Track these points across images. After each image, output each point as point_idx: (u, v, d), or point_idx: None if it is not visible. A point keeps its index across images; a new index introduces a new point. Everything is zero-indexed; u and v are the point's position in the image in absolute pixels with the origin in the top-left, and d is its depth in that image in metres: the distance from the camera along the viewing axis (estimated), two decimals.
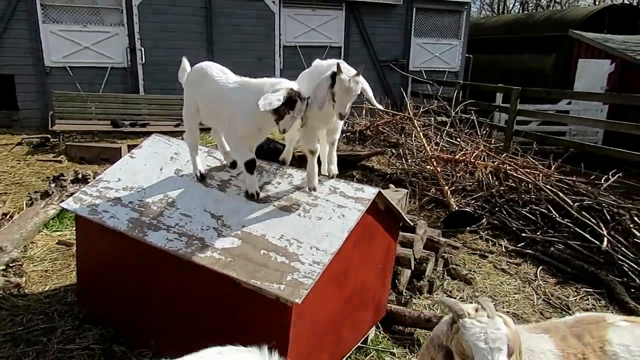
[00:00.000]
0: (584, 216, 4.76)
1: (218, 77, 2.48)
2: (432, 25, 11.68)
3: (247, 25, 9.96)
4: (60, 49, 8.96)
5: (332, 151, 2.61)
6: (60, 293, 3.30)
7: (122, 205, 2.58)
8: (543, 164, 6.06)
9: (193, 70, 2.66)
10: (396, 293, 3.43)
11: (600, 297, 3.89)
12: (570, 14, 13.29)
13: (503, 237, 4.98)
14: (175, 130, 8.02)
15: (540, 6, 26.02)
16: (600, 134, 9.75)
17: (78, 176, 4.94)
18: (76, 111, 8.30)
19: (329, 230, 2.15)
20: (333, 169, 2.58)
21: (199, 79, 2.56)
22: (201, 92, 2.56)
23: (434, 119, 8.31)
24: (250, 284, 1.97)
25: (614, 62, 10.49)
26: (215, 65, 2.58)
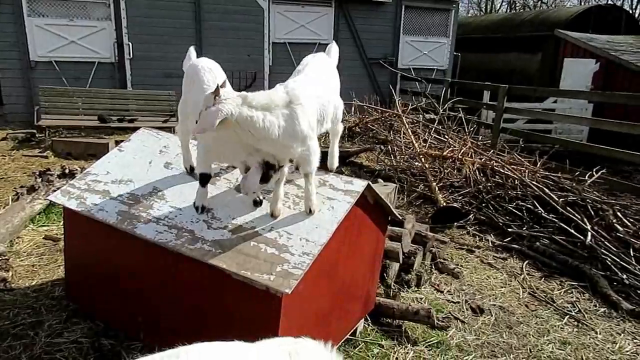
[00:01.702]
0: (568, 211, 4.84)
1: (206, 82, 2.37)
2: (421, 23, 11.76)
3: (237, 21, 9.93)
4: (46, 43, 8.84)
5: (333, 145, 2.66)
6: (47, 287, 3.27)
7: (111, 198, 2.57)
8: (529, 160, 6.15)
9: (190, 64, 2.60)
10: (385, 286, 3.47)
11: (584, 290, 3.97)
12: (556, 14, 13.47)
13: (490, 232, 5.05)
14: (163, 126, 7.97)
15: (527, 6, 26.32)
16: (585, 132, 9.91)
17: (65, 171, 4.88)
18: (62, 106, 8.19)
19: (319, 222, 2.17)
20: (334, 163, 2.67)
21: (192, 76, 2.51)
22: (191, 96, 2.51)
23: (422, 116, 8.37)
24: (241, 275, 1.98)
25: (599, 61, 10.66)
26: (209, 65, 2.48)
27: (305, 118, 2.08)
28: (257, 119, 1.95)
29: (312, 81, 2.26)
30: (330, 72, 2.49)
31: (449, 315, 3.38)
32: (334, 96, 2.47)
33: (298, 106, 2.05)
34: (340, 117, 2.60)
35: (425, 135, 7.17)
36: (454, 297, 3.69)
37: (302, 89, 2.12)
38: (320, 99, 2.25)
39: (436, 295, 3.68)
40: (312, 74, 2.31)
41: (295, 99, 2.06)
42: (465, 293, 3.77)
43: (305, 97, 2.11)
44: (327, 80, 2.41)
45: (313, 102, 2.18)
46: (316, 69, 2.37)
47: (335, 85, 2.51)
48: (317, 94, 2.23)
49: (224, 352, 1.29)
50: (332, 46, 2.70)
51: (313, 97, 2.18)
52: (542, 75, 12.46)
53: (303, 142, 2.11)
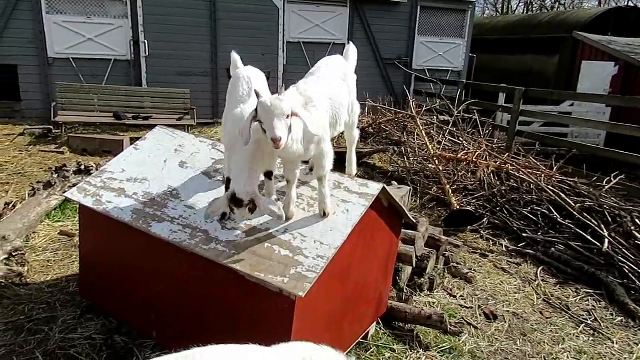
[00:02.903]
0: (585, 217, 4.76)
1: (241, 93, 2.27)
2: (437, 24, 11.66)
3: (252, 20, 9.95)
4: (63, 40, 8.95)
5: (351, 152, 2.66)
6: (62, 283, 3.31)
7: (126, 196, 2.59)
8: (545, 164, 6.06)
9: (235, 72, 2.46)
10: (397, 290, 3.44)
11: (600, 299, 3.90)
12: (575, 16, 13.25)
13: (504, 236, 4.99)
14: (178, 124, 8.03)
15: (544, 7, 25.97)
16: (603, 136, 9.73)
17: (80, 167, 4.94)
18: (79, 103, 8.30)
19: (333, 225, 2.15)
20: (352, 171, 2.67)
21: (232, 85, 2.40)
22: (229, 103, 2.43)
23: (436, 117, 8.30)
24: (254, 277, 1.98)
25: (618, 64, 10.47)
26: (249, 75, 2.34)
27: (319, 121, 2.06)
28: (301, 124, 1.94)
29: (324, 83, 2.22)
30: (345, 74, 2.44)
31: (461, 320, 3.34)
32: (349, 99, 2.43)
33: (311, 109, 2.03)
34: (356, 121, 2.57)
35: (439, 137, 7.11)
36: (466, 302, 3.65)
37: (314, 92, 2.09)
38: (333, 101, 2.21)
39: (449, 299, 3.64)
40: (325, 75, 2.27)
41: (309, 101, 2.04)
42: (479, 298, 3.73)
43: (318, 100, 2.08)
44: (341, 82, 2.36)
45: (325, 104, 2.15)
46: (330, 71, 2.33)
47: (350, 87, 2.47)
48: (329, 95, 2.20)
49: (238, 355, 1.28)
50: (349, 48, 2.66)
51: (325, 99, 2.15)
52: (559, 77, 12.27)
53: (317, 145, 2.09)
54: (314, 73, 2.32)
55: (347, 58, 2.61)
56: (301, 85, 2.11)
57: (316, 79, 2.24)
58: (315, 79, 2.24)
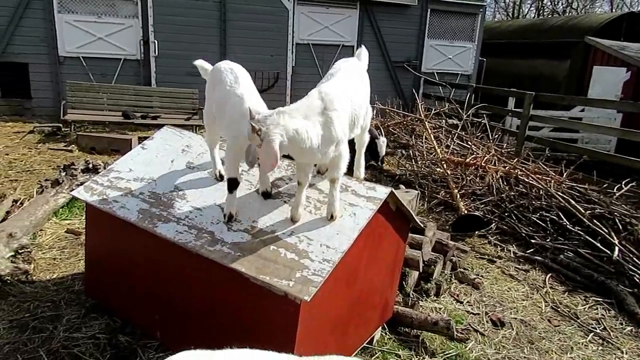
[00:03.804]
0: (595, 224, 4.69)
1: (229, 84, 2.34)
2: (447, 27, 11.61)
3: (261, 21, 9.97)
4: (74, 39, 9.03)
5: (360, 155, 2.64)
6: (67, 281, 3.31)
7: (133, 196, 2.58)
8: (555, 170, 5.99)
9: (212, 69, 2.58)
10: (403, 295, 3.40)
11: (609, 307, 3.84)
12: (587, 21, 13.14)
13: (512, 242, 4.93)
14: (186, 124, 8.05)
15: (556, 12, 25.79)
16: (613, 142, 9.64)
17: (88, 166, 4.95)
18: (88, 101, 8.35)
19: (340, 228, 2.13)
20: (360, 174, 2.66)
21: (214, 81, 2.49)
22: (214, 95, 2.51)
23: (445, 121, 8.25)
24: (259, 280, 1.96)
25: (630, 70, 10.36)
26: (232, 68, 2.44)
27: (340, 124, 2.07)
28: (302, 132, 1.90)
29: (345, 86, 2.22)
30: (361, 77, 2.44)
31: (468, 327, 3.30)
32: (365, 102, 2.43)
33: (333, 112, 2.03)
34: (368, 124, 2.55)
35: (447, 141, 7.06)
36: (473, 308, 3.61)
37: (336, 94, 2.09)
38: (352, 103, 2.22)
39: (455, 305, 3.60)
40: (345, 78, 2.26)
41: (330, 105, 2.03)
42: (486, 304, 3.68)
43: (339, 102, 2.09)
44: (359, 85, 2.36)
45: (347, 107, 2.16)
46: (349, 74, 2.32)
47: (366, 90, 2.46)
48: (350, 97, 2.20)
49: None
50: (362, 51, 2.63)
51: (346, 101, 2.16)
52: (570, 82, 12.17)
53: (337, 147, 2.10)
54: (334, 74, 2.29)
55: (360, 60, 2.59)
56: (323, 88, 2.10)
57: (337, 80, 2.24)
58: (337, 80, 2.24)
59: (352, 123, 2.26)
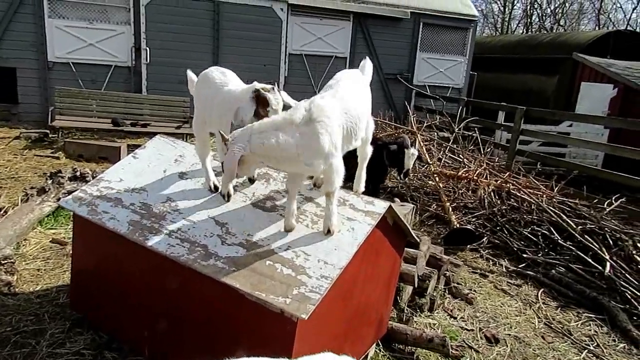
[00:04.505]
0: (586, 240, 4.70)
1: (218, 80, 2.47)
2: (438, 41, 11.73)
3: (254, 30, 9.96)
4: (64, 45, 8.91)
5: (361, 169, 2.58)
6: (51, 294, 3.19)
7: (123, 207, 2.50)
8: (546, 185, 6.02)
9: (199, 77, 2.66)
10: (397, 310, 3.35)
11: (602, 324, 3.83)
12: (575, 38, 13.38)
13: (504, 257, 4.92)
14: (177, 132, 7.96)
15: (544, 28, 26.30)
16: (601, 157, 9.74)
17: (76, 173, 4.84)
18: (77, 108, 8.23)
19: (338, 243, 2.08)
20: (360, 188, 2.59)
21: (204, 85, 2.56)
22: (203, 95, 2.53)
23: (436, 134, 8.28)
24: (255, 296, 1.89)
25: (617, 86, 10.53)
26: (218, 68, 2.58)
27: (327, 135, 2.02)
28: (269, 142, 1.96)
29: (341, 97, 2.18)
30: (362, 89, 2.40)
31: (462, 343, 3.26)
32: (366, 114, 2.38)
33: (319, 123, 2.01)
34: (370, 137, 2.51)
35: (439, 154, 7.07)
36: (467, 324, 3.57)
37: (326, 105, 2.06)
38: (348, 116, 2.17)
39: (449, 321, 3.55)
40: (343, 89, 2.23)
41: (317, 116, 2.01)
42: (479, 320, 3.64)
43: (329, 113, 2.05)
44: (358, 97, 2.31)
45: (337, 119, 2.10)
46: (348, 85, 2.28)
47: (366, 102, 2.41)
48: (344, 110, 2.15)
49: None
50: (366, 63, 2.60)
51: (339, 113, 2.11)
52: (558, 97, 12.34)
53: (325, 159, 2.05)
54: (332, 86, 2.27)
55: (364, 73, 2.57)
56: (316, 100, 2.09)
57: (333, 92, 2.21)
58: (333, 92, 2.21)
59: (349, 135, 2.21)
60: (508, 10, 28.55)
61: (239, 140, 1.98)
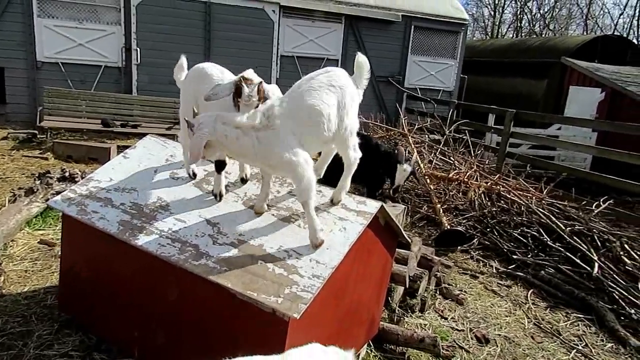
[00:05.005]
0: (575, 241, 4.75)
1: (217, 77, 2.47)
2: (429, 44, 11.80)
3: (246, 32, 9.95)
4: (53, 44, 8.82)
5: (345, 176, 2.37)
6: (39, 295, 3.15)
7: (113, 207, 2.48)
8: (535, 187, 6.08)
9: (193, 69, 2.65)
10: (389, 310, 3.36)
11: (590, 324, 3.87)
12: (564, 42, 13.55)
13: (494, 258, 4.95)
14: (167, 133, 7.91)
15: (534, 32, 26.59)
16: (589, 160, 9.86)
17: (65, 174, 4.79)
18: (66, 108, 8.14)
19: (330, 243, 2.08)
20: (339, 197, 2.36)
21: (200, 79, 2.54)
22: (201, 91, 2.49)
23: (427, 136, 8.33)
24: (246, 296, 1.88)
25: (604, 90, 10.68)
26: (215, 65, 2.59)
27: (282, 142, 2.03)
28: (231, 136, 2.04)
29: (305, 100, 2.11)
30: (337, 91, 2.20)
31: (453, 343, 3.27)
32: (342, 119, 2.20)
33: (270, 131, 2.04)
34: (350, 140, 2.28)
35: (430, 156, 7.11)
36: (458, 324, 3.58)
37: (281, 112, 2.06)
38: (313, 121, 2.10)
39: (440, 321, 3.57)
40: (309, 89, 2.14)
41: (271, 122, 2.05)
42: (470, 321, 3.66)
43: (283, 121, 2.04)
44: (328, 96, 2.15)
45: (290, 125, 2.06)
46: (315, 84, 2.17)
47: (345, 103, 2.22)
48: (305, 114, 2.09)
49: None
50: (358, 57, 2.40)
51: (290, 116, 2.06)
52: (547, 101, 12.48)
53: (282, 166, 2.05)
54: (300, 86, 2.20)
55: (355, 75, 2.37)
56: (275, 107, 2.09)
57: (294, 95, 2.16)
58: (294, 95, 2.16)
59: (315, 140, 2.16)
60: (498, 15, 28.86)
61: (205, 125, 2.04)
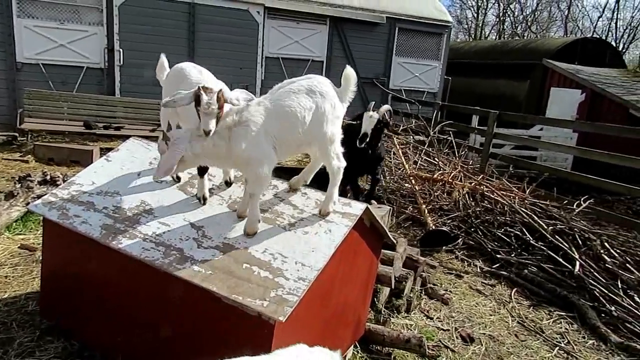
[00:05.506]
0: (557, 240, 4.84)
1: (195, 78, 2.43)
2: (413, 46, 11.90)
3: (231, 33, 9.90)
4: (34, 45, 8.65)
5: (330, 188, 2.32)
6: (20, 301, 3.09)
7: (96, 211, 2.45)
8: (518, 187, 6.17)
9: (173, 69, 2.63)
10: (375, 311, 3.37)
11: (572, 321, 3.94)
12: (545, 44, 13.80)
13: (478, 257, 5.01)
14: (151, 135, 7.83)
15: (516, 34, 26.99)
16: (570, 160, 10.06)
17: (46, 177, 4.70)
18: (47, 110, 8.00)
19: (316, 245, 2.08)
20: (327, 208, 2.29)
21: (178, 79, 2.50)
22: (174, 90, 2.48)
23: (412, 137, 8.38)
24: (232, 299, 1.88)
25: (585, 92, 10.90)
26: (195, 66, 2.55)
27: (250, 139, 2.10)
28: (207, 146, 2.08)
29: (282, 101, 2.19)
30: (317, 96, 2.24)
31: (439, 343, 3.30)
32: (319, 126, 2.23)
33: (241, 127, 2.11)
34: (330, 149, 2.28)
35: (415, 157, 7.16)
36: (443, 324, 3.62)
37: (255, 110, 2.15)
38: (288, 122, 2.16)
39: (426, 321, 3.60)
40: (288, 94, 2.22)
41: (243, 120, 2.11)
42: (455, 320, 3.70)
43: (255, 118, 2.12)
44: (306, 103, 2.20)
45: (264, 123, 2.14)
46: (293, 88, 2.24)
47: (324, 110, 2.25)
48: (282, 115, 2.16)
49: None
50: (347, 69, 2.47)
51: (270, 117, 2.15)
52: (529, 102, 12.69)
53: (244, 160, 2.13)
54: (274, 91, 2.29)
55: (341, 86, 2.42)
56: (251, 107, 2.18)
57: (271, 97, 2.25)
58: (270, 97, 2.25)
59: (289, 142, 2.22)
60: (481, 16, 29.24)
61: (181, 141, 2.07)
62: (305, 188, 2.46)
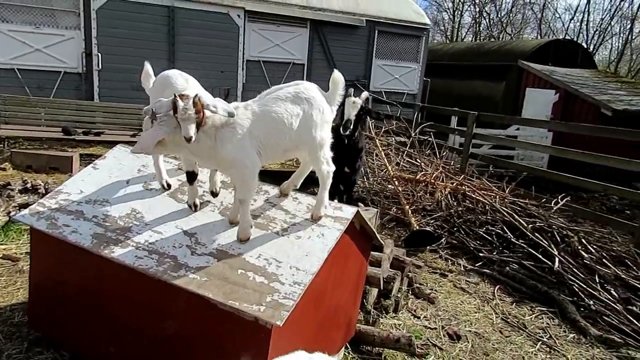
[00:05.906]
0: (537, 237, 4.98)
1: (180, 86, 2.40)
2: (393, 48, 12.04)
3: (211, 37, 9.85)
4: (8, 50, 8.45)
5: (321, 192, 2.36)
6: (5, 313, 3.03)
7: (85, 220, 2.43)
8: (498, 186, 6.32)
9: (159, 77, 2.58)
10: (364, 312, 3.43)
11: (553, 316, 4.07)
12: (520, 46, 14.15)
13: (461, 256, 5.12)
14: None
15: (492, 36, 27.54)
16: (546, 159, 10.34)
17: (27, 185, 4.62)
18: (24, 116, 7.82)
19: (309, 249, 2.12)
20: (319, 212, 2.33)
21: (164, 87, 2.46)
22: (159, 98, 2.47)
23: (394, 139, 8.49)
24: (228, 305, 1.90)
25: (558, 92, 11.23)
26: (182, 74, 2.52)
27: (235, 142, 2.13)
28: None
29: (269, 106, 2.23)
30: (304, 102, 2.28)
31: (427, 342, 3.37)
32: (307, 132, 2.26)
33: (228, 129, 2.13)
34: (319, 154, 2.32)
35: (397, 158, 7.27)
36: (430, 322, 3.70)
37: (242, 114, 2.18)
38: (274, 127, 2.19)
39: (413, 321, 3.67)
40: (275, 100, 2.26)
41: (230, 122, 2.14)
42: (441, 319, 3.78)
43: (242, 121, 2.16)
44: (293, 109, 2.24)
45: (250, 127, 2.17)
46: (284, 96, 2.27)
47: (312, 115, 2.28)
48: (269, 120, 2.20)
49: None
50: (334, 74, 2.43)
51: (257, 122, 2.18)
52: (506, 102, 12.99)
53: (229, 164, 2.16)
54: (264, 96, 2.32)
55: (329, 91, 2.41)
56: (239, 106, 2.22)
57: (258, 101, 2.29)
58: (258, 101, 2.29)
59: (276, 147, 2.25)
60: (457, 18, 29.72)
61: (165, 124, 2.05)
62: (296, 193, 2.50)
